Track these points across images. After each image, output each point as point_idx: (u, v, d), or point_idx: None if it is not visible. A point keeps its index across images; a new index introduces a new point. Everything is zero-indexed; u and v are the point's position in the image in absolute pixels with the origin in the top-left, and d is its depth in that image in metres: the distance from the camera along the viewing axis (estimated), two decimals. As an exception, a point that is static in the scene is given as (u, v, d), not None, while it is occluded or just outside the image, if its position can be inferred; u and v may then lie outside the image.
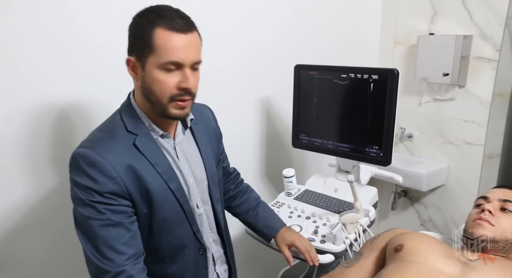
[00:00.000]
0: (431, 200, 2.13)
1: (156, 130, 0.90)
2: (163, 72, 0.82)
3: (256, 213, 1.21)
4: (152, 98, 0.85)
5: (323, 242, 1.22)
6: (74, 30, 1.17)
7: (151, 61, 0.81)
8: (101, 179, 0.80)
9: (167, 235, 0.92)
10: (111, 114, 0.93)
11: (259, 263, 1.91)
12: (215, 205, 1.04)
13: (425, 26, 1.97)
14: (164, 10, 0.83)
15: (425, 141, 2.10)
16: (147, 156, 0.87)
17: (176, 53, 0.81)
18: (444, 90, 1.94)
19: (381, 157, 1.33)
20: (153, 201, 0.87)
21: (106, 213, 0.81)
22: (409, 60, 2.07)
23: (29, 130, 1.15)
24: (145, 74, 0.83)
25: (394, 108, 1.26)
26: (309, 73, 1.46)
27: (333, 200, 1.43)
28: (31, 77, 1.12)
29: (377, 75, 1.28)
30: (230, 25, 1.54)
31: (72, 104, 1.22)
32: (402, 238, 1.01)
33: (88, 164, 0.80)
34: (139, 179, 0.85)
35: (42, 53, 1.13)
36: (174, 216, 0.92)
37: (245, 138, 1.74)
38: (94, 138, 0.86)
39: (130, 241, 0.83)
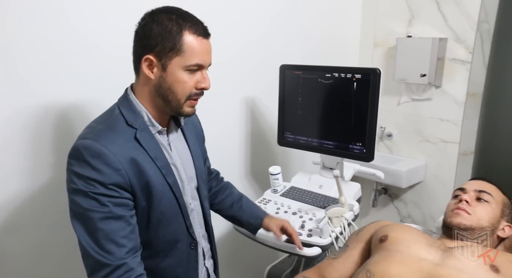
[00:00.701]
0: (410, 196, 2.21)
1: (155, 125, 0.93)
2: (186, 73, 0.88)
3: (240, 205, 1.23)
4: (170, 97, 0.89)
5: (310, 236, 1.26)
6: (73, 31, 1.18)
7: (176, 62, 0.86)
8: (106, 170, 0.81)
9: (163, 229, 0.94)
10: (108, 108, 0.94)
11: (246, 259, 1.93)
12: (203, 201, 1.06)
13: (403, 29, 2.06)
14: (186, 14, 0.88)
15: (404, 140, 2.18)
16: (147, 150, 0.89)
17: (200, 56, 0.88)
18: (422, 90, 2.02)
19: (364, 153, 1.38)
20: (153, 194, 0.89)
21: (108, 206, 0.81)
22: (388, 62, 2.14)
23: (29, 132, 1.15)
24: (166, 74, 0.87)
25: (376, 105, 1.32)
26: (294, 73, 1.50)
27: (318, 196, 1.48)
28: (31, 79, 1.13)
29: (360, 74, 1.34)
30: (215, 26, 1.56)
31: (72, 105, 1.22)
32: (386, 229, 1.06)
33: (93, 155, 0.81)
34: (141, 172, 0.86)
35: (41, 54, 1.13)
36: (171, 210, 0.94)
37: (231, 137, 1.76)
38: (96, 130, 0.86)
39: (130, 234, 0.84)
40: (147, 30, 0.86)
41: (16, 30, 1.08)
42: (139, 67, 0.89)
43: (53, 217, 1.23)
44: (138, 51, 0.88)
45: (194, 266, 1.04)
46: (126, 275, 0.82)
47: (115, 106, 0.93)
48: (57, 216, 1.22)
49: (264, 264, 1.69)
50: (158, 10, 0.88)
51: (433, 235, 1.23)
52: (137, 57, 0.89)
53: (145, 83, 0.90)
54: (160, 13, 0.87)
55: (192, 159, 1.04)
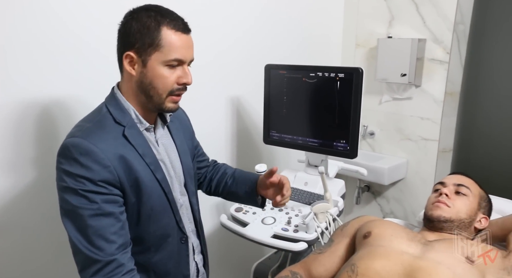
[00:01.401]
0: (392, 193, 2.27)
1: (143, 122, 0.94)
2: (166, 68, 0.89)
3: (233, 178, 1.21)
4: (151, 92, 0.90)
5: (296, 231, 1.29)
6: (59, 26, 1.17)
7: (156, 57, 0.87)
8: (94, 167, 0.82)
9: (153, 224, 0.95)
10: (95, 107, 0.95)
11: (234, 256, 1.95)
12: (191, 197, 1.08)
13: (383, 29, 2.11)
14: (165, 11, 0.89)
15: (386, 138, 2.23)
16: (136, 146, 0.90)
17: (180, 51, 0.88)
18: (402, 89, 2.08)
19: (348, 150, 1.42)
20: (142, 190, 0.90)
21: (98, 202, 0.82)
22: (369, 62, 2.19)
23: (11, 128, 1.13)
24: (147, 70, 0.88)
25: (359, 104, 1.35)
26: (279, 72, 1.52)
27: (303, 192, 1.51)
28: (14, 74, 1.11)
29: (343, 73, 1.37)
30: (200, 25, 1.57)
31: (55, 102, 1.21)
32: (369, 225, 1.09)
33: (82, 153, 0.82)
34: (130, 168, 0.88)
35: (25, 49, 1.12)
36: (160, 206, 0.95)
37: (217, 136, 1.78)
38: (85, 128, 0.87)
39: (120, 230, 0.85)
40: (127, 27, 0.88)
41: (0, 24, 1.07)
42: (122, 64, 0.90)
43: (36, 216, 1.22)
44: (120, 48, 0.90)
45: (185, 260, 1.05)
46: (116, 270, 0.83)
47: (102, 104, 0.94)
48: (40, 215, 1.21)
49: (251, 261, 1.71)
50: (139, 8, 0.90)
51: (415, 229, 1.27)
52: (119, 55, 0.91)
53: (128, 80, 0.92)
54: (140, 11, 0.89)
55: (178, 155, 1.05)
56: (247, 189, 1.16)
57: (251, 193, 1.16)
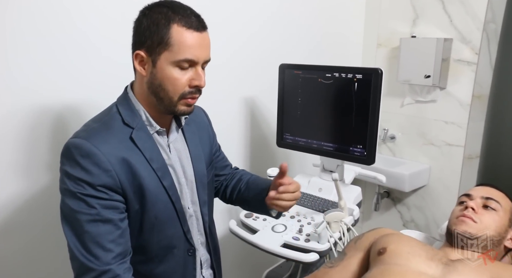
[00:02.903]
0: (413, 200, 2.16)
1: (153, 125, 0.89)
2: (176, 69, 0.82)
3: (246, 185, 1.10)
4: (162, 94, 0.84)
5: (307, 241, 1.22)
6: (71, 30, 1.15)
7: (165, 57, 0.81)
8: (94, 171, 0.78)
9: (157, 234, 0.90)
10: (107, 107, 0.91)
11: (244, 262, 1.89)
12: (202, 207, 1.01)
13: (407, 29, 2.01)
14: (179, 7, 0.83)
15: (407, 142, 2.13)
16: (143, 150, 0.85)
17: (192, 51, 0.82)
18: (426, 92, 1.97)
19: (365, 156, 1.34)
20: (146, 197, 0.85)
21: (96, 208, 0.78)
22: (391, 62, 2.10)
23: (25, 133, 1.12)
24: (156, 70, 0.83)
25: (378, 107, 1.27)
26: (294, 73, 1.46)
27: (317, 199, 1.43)
28: (26, 78, 1.10)
29: (361, 74, 1.29)
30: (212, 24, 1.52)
31: (68, 106, 1.19)
32: (385, 240, 1.00)
33: (82, 155, 0.78)
34: (133, 174, 0.83)
35: (37, 54, 1.10)
36: (166, 215, 0.90)
37: (229, 138, 1.72)
38: (90, 129, 0.84)
39: (119, 238, 0.80)
40: (138, 24, 0.83)
41: (14, 29, 1.05)
42: (134, 63, 0.86)
43: (47, 218, 1.20)
44: (132, 47, 0.86)
45: (191, 274, 0.99)
46: None
47: (113, 104, 0.90)
48: (51, 217, 1.19)
49: (262, 268, 1.65)
50: (153, 4, 0.85)
51: (435, 243, 1.18)
52: (132, 54, 0.86)
53: (140, 81, 0.87)
54: (154, 6, 0.83)
55: (191, 161, 0.99)
56: (258, 196, 1.04)
57: (262, 201, 1.01)
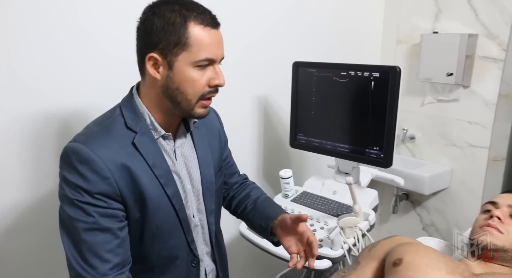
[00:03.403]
0: (434, 203, 2.07)
1: (158, 129, 0.84)
2: (196, 69, 0.78)
3: (254, 205, 1.06)
4: (179, 98, 0.80)
5: (320, 247, 1.17)
6: (79, 33, 1.12)
7: (184, 58, 0.77)
8: (92, 178, 0.74)
9: (159, 244, 0.86)
10: (110, 108, 0.87)
11: (256, 265, 1.85)
12: (208, 216, 0.97)
13: (428, 24, 1.92)
14: (191, 3, 0.79)
15: (428, 143, 2.04)
16: (145, 156, 0.81)
17: (211, 49, 0.78)
18: (448, 90, 1.88)
19: (381, 158, 1.28)
20: (147, 206, 0.81)
21: (94, 216, 0.75)
22: (412, 60, 2.01)
23: (30, 138, 1.11)
24: (173, 73, 0.78)
25: (395, 107, 1.21)
26: (308, 71, 1.40)
27: (331, 202, 1.38)
28: (33, 82, 1.08)
29: (378, 73, 1.23)
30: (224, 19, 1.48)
31: (75, 110, 1.17)
32: (401, 250, 0.94)
33: (80, 160, 0.74)
34: (134, 181, 0.79)
35: (44, 58, 1.08)
36: (168, 224, 0.86)
37: (241, 138, 1.68)
38: (89, 132, 0.80)
39: (117, 248, 0.77)
40: (149, 25, 0.77)
41: (17, 31, 1.03)
42: (143, 67, 0.80)
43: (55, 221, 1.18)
44: (141, 49, 0.80)
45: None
46: None
47: (117, 106, 0.86)
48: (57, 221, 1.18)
49: (274, 272, 1.61)
50: (160, 1, 0.79)
51: (457, 252, 1.11)
52: (140, 57, 0.81)
53: (152, 85, 0.82)
54: (162, 4, 0.77)
55: (199, 167, 0.94)
56: (262, 224, 1.01)
57: (265, 230, 1.00)
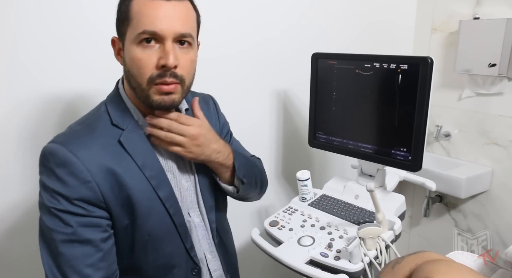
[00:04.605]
0: (471, 207, 1.89)
1: (145, 125, 0.77)
2: (140, 47, 0.69)
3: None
4: (133, 82, 0.73)
5: (337, 259, 1.05)
6: (81, 19, 1.07)
7: (128, 35, 0.70)
8: (71, 182, 0.67)
9: (152, 252, 0.78)
10: (96, 105, 0.81)
11: (267, 273, 1.76)
12: (208, 213, 0.89)
13: (468, 9, 1.73)
14: None
15: (465, 141, 1.86)
16: (133, 156, 0.73)
17: (153, 21, 0.68)
18: (490, 83, 1.69)
19: (409, 161, 1.14)
20: (136, 211, 0.73)
21: (73, 226, 0.68)
22: (448, 50, 1.83)
23: (32, 126, 1.06)
24: (124, 54, 0.72)
25: (426, 104, 1.06)
26: (328, 63, 1.28)
27: (352, 208, 1.26)
28: (34, 69, 1.04)
29: (407, 64, 1.09)
30: (242, 4, 1.39)
31: (79, 97, 1.12)
32: (429, 269, 0.80)
33: (58, 163, 0.68)
34: (120, 184, 0.71)
35: (46, 44, 1.04)
36: (162, 230, 0.78)
37: (258, 134, 1.59)
38: (70, 132, 0.74)
39: (99, 262, 0.70)
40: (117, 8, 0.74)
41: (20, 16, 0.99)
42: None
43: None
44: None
45: None
46: None
47: (102, 103, 0.79)
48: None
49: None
50: None
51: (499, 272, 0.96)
52: None
53: (124, 72, 0.76)
54: None
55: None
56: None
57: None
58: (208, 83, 1.34)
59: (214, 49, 1.34)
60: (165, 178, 0.78)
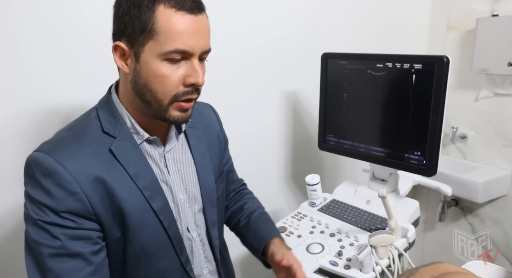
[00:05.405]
0: (489, 212, 1.82)
1: (140, 133, 0.73)
2: (165, 63, 0.66)
3: (248, 220, 0.97)
4: (148, 96, 0.68)
5: (347, 268, 1.01)
6: (86, 26, 1.05)
7: (150, 48, 0.65)
8: (57, 194, 0.63)
9: (145, 268, 0.74)
10: (86, 111, 0.77)
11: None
12: (210, 229, 0.85)
13: (486, 6, 1.66)
14: None
15: (482, 143, 1.79)
16: (125, 165, 0.69)
17: (184, 39, 0.65)
18: (509, 83, 1.62)
19: (424, 165, 1.09)
20: (128, 223, 0.69)
21: (61, 239, 0.64)
22: (464, 48, 1.76)
23: (33, 133, 1.04)
24: (140, 66, 0.66)
25: (441, 105, 1.01)
26: (339, 63, 1.23)
27: (364, 214, 1.21)
28: (37, 77, 1.02)
29: (421, 64, 1.04)
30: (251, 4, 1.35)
31: (80, 107, 1.10)
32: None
33: (44, 173, 0.64)
34: (110, 195, 0.67)
35: (50, 49, 1.02)
36: (156, 244, 0.74)
37: (268, 137, 1.55)
38: (57, 139, 0.70)
39: (90, 276, 0.66)
40: (116, 8, 0.67)
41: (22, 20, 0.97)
42: (114, 58, 0.70)
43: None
44: (112, 37, 0.70)
45: None
46: None
47: (93, 108, 0.75)
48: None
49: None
50: None
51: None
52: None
53: (124, 79, 0.72)
54: None
55: (196, 173, 0.82)
56: (254, 244, 0.93)
57: (256, 251, 0.93)
58: (216, 86, 1.31)
59: (222, 49, 1.31)
60: (159, 189, 0.74)
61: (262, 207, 1.04)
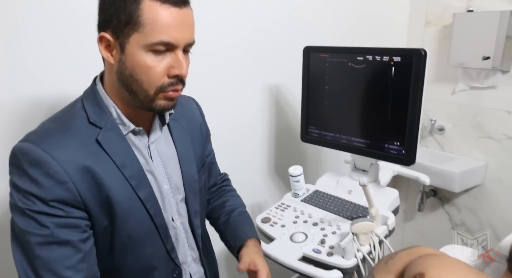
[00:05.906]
0: (465, 201, 1.89)
1: (126, 124, 0.74)
2: (150, 55, 0.67)
3: (227, 218, 1.01)
4: (134, 87, 0.69)
5: (330, 255, 1.04)
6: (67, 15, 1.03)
7: (136, 40, 0.66)
8: (46, 183, 0.64)
9: (132, 255, 0.76)
10: (71, 102, 0.77)
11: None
12: (192, 218, 0.87)
13: (462, 2, 1.71)
14: None
15: (459, 135, 1.85)
16: (111, 155, 0.71)
17: (169, 32, 0.67)
18: (484, 76, 1.68)
19: (403, 155, 1.12)
20: (116, 211, 0.71)
21: (49, 227, 0.65)
22: (442, 43, 1.81)
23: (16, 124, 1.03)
24: (126, 57, 0.68)
25: (419, 97, 1.05)
26: (320, 56, 1.25)
27: (346, 203, 1.24)
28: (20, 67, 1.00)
29: (400, 57, 1.07)
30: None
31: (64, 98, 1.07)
32: (423, 264, 0.79)
33: (31, 163, 0.64)
34: (98, 184, 0.68)
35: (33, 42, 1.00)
36: (142, 232, 0.76)
37: (251, 130, 1.56)
38: (43, 130, 0.70)
39: (79, 264, 0.67)
40: (101, 0, 0.68)
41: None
42: (99, 49, 0.70)
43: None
44: (97, 29, 0.70)
45: None
46: None
47: (78, 99, 0.76)
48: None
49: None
50: None
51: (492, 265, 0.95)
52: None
53: (109, 70, 0.73)
54: None
55: (179, 164, 0.84)
56: (231, 243, 0.97)
57: (233, 249, 0.97)
58: (199, 80, 1.31)
59: (204, 43, 1.31)
60: (145, 178, 0.75)
61: (244, 206, 1.06)
